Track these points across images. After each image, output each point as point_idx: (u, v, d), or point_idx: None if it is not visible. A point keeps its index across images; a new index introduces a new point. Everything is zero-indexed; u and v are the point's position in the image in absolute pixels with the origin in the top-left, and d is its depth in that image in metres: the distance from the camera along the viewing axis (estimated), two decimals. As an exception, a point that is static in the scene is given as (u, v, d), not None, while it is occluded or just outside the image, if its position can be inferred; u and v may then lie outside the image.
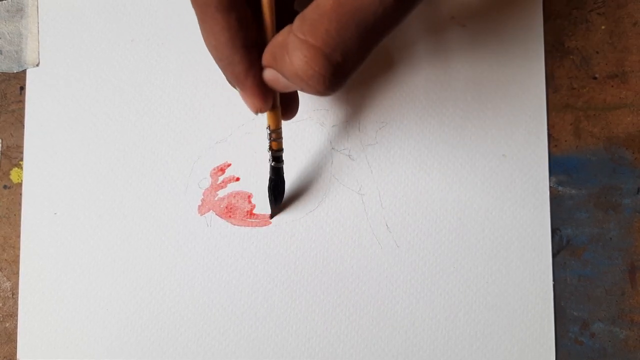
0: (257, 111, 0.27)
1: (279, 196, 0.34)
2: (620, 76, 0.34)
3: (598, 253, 0.34)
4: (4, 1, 0.38)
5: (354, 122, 0.35)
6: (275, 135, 0.31)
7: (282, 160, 0.32)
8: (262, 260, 0.35)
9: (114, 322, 0.35)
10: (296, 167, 0.35)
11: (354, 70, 0.24)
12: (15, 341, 0.36)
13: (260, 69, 0.26)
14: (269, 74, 0.25)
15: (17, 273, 0.36)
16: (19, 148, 0.37)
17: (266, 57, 0.25)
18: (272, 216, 0.35)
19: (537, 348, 0.33)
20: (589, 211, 0.34)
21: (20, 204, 0.37)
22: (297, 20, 0.23)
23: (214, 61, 0.29)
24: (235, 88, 0.27)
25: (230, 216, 0.35)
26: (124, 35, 0.37)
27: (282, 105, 0.30)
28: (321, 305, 0.34)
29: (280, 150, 0.32)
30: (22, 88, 0.37)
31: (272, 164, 0.32)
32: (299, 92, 0.32)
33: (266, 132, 0.31)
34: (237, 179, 0.35)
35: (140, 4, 0.37)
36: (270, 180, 0.33)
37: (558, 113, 0.34)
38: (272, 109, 0.29)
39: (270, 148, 0.31)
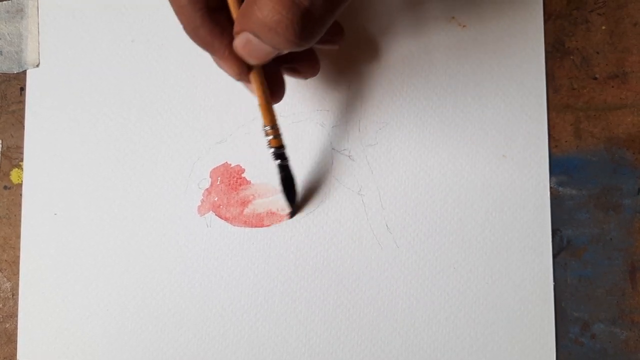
0: (236, 74, 0.28)
1: (292, 193, 0.34)
2: (620, 76, 0.34)
3: (598, 253, 0.33)
4: (4, 2, 0.38)
5: (354, 123, 0.35)
6: (273, 132, 0.31)
7: (287, 157, 0.32)
8: (262, 261, 0.35)
9: (114, 323, 0.35)
10: (296, 167, 0.35)
11: (324, 19, 0.24)
12: (15, 342, 0.36)
13: (229, 32, 0.26)
14: (239, 40, 0.26)
15: (17, 274, 0.36)
16: (19, 149, 0.37)
17: (237, 21, 0.25)
18: (291, 215, 0.35)
19: (538, 349, 0.33)
20: (590, 212, 0.34)
21: (20, 205, 0.37)
22: None
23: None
24: (212, 55, 0.28)
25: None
26: (124, 35, 0.37)
27: (274, 88, 0.30)
28: (321, 306, 0.34)
29: (282, 147, 0.32)
30: (22, 89, 0.37)
31: (278, 163, 0.32)
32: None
33: (263, 131, 0.31)
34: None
35: (140, 4, 0.37)
36: (280, 179, 0.33)
37: (558, 113, 0.34)
38: (266, 105, 0.30)
39: (271, 146, 0.31)
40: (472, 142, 0.34)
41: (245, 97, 0.36)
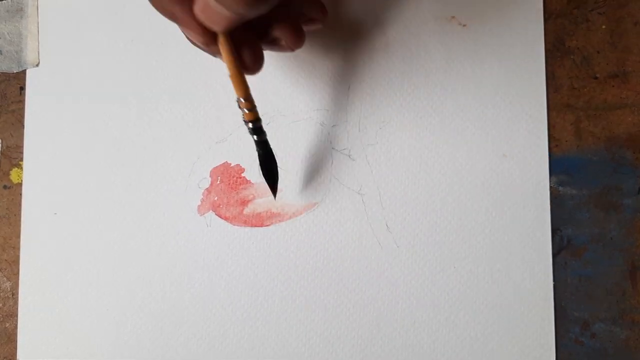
0: (203, 43, 0.27)
1: (272, 172, 0.32)
2: (621, 76, 0.34)
3: (599, 253, 0.33)
4: (4, 1, 0.38)
5: (354, 122, 0.35)
6: (246, 105, 0.29)
7: (264, 132, 0.31)
8: (262, 261, 0.35)
9: (114, 323, 0.35)
10: (296, 167, 0.35)
11: None
12: (15, 341, 0.36)
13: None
14: (198, 5, 0.26)
15: (17, 273, 0.36)
16: (19, 148, 0.37)
17: None
18: (275, 194, 0.33)
19: (538, 348, 0.33)
20: (590, 211, 0.34)
21: (20, 204, 0.37)
22: None
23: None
24: (177, 24, 0.27)
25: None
26: (124, 35, 0.37)
27: (247, 58, 0.28)
28: (321, 306, 0.34)
29: (258, 120, 0.30)
30: (22, 88, 0.37)
31: (255, 139, 0.31)
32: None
33: (236, 104, 0.30)
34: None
35: (140, 4, 0.37)
36: (259, 156, 0.32)
37: (559, 113, 0.34)
38: (237, 76, 0.28)
39: (245, 120, 0.30)
40: (472, 142, 0.34)
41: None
